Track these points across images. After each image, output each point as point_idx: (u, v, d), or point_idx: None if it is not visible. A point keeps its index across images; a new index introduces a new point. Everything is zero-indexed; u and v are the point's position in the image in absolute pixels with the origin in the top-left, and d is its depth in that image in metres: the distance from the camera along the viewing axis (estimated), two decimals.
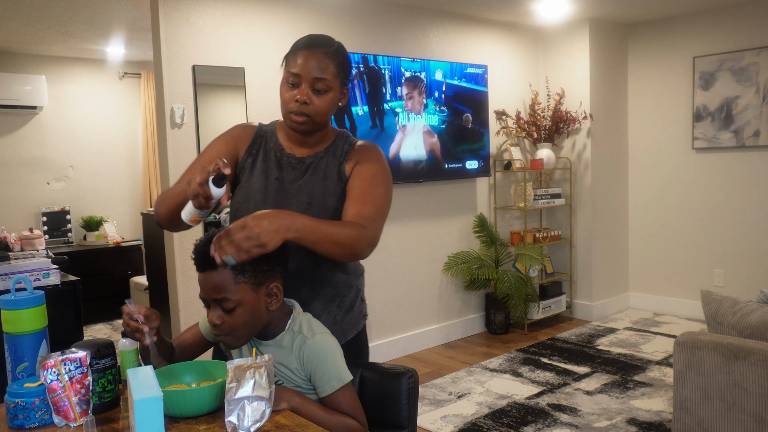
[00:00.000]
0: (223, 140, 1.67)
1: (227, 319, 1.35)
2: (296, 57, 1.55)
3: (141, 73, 6.18)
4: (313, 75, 1.54)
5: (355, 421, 1.38)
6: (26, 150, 5.61)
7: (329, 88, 1.56)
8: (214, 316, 1.36)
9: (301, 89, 1.54)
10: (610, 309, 5.31)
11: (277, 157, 1.65)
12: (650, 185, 5.34)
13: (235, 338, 1.38)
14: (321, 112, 1.57)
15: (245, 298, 1.34)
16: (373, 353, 4.22)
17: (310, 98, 1.54)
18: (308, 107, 1.55)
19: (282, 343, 1.43)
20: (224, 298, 1.33)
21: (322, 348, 1.40)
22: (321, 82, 1.54)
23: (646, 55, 5.28)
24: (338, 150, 1.66)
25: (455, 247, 4.78)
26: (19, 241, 4.41)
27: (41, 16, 4.24)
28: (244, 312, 1.35)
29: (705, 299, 2.55)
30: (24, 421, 1.26)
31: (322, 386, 1.38)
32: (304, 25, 3.89)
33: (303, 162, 1.64)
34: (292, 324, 1.44)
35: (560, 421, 3.26)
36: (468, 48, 4.78)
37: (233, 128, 1.71)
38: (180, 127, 3.44)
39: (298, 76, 1.54)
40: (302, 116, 1.55)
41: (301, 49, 1.56)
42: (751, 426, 2.24)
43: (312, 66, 1.53)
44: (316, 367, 1.38)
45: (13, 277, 2.37)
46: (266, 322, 1.41)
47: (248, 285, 1.34)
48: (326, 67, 1.55)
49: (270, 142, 1.67)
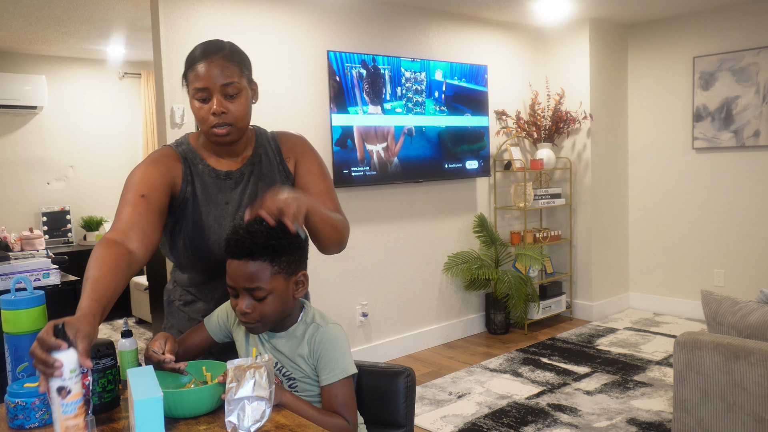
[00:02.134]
0: (152, 166, 1.54)
1: (258, 307, 1.36)
2: (195, 71, 1.51)
3: (141, 73, 6.18)
4: (219, 83, 1.50)
5: (343, 421, 1.38)
6: (26, 150, 5.61)
7: (239, 90, 1.53)
8: (244, 304, 1.36)
9: (213, 101, 1.50)
10: (610, 309, 5.31)
11: (213, 179, 1.60)
12: (650, 185, 5.34)
13: (263, 325, 1.40)
14: (240, 117, 1.54)
15: (278, 287, 1.36)
16: (373, 353, 4.23)
17: (226, 107, 1.51)
18: (227, 116, 1.52)
19: (295, 334, 1.45)
20: (257, 288, 1.34)
21: (334, 336, 1.42)
22: (230, 86, 1.51)
23: (646, 55, 5.28)
24: (267, 149, 1.67)
25: (455, 247, 4.78)
26: (19, 241, 4.42)
27: (41, 16, 4.24)
28: (275, 300, 1.37)
29: (705, 299, 2.55)
30: (24, 421, 1.26)
31: (326, 373, 1.39)
32: (304, 25, 3.89)
33: (242, 173, 1.62)
34: (304, 316, 1.46)
35: (560, 421, 3.26)
36: (468, 48, 4.78)
37: (154, 154, 1.59)
38: (180, 127, 3.44)
39: (205, 90, 1.50)
40: (224, 127, 1.52)
41: (198, 62, 1.51)
42: (751, 426, 2.24)
43: (215, 74, 1.50)
44: (324, 353, 1.40)
45: (13, 277, 2.37)
46: (291, 310, 1.43)
47: (282, 275, 1.37)
48: (229, 70, 1.51)
49: (197, 165, 1.60)
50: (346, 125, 4.00)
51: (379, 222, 4.32)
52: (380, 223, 4.32)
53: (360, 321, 4.22)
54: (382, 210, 4.30)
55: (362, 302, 4.23)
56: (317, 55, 3.95)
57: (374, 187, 4.23)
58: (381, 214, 4.30)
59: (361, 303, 4.23)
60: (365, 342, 4.27)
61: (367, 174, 4.10)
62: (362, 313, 4.23)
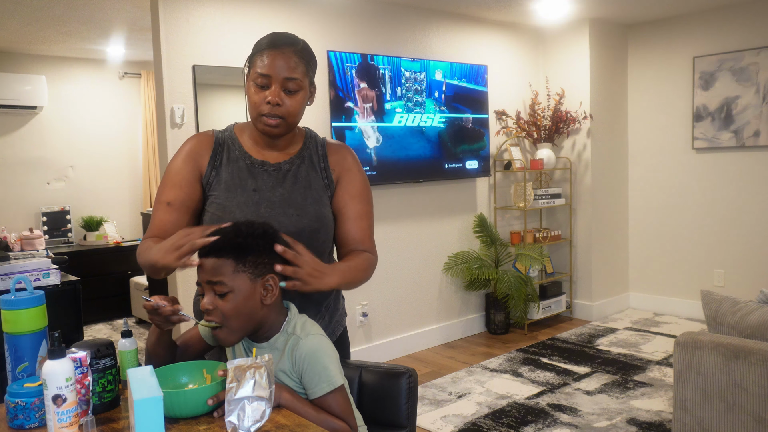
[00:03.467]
0: (181, 162, 1.58)
1: (219, 305, 1.34)
2: (263, 57, 1.49)
3: (141, 73, 6.18)
4: (283, 75, 1.48)
5: (344, 424, 1.35)
6: (26, 150, 5.61)
7: (300, 87, 1.51)
8: (206, 299, 1.34)
9: (272, 90, 1.48)
10: (610, 309, 5.31)
11: (247, 165, 1.58)
12: (650, 185, 5.34)
13: (229, 331, 1.36)
14: (294, 113, 1.53)
15: (241, 286, 1.34)
16: (373, 353, 4.23)
17: (282, 99, 1.49)
18: (281, 109, 1.50)
19: (276, 345, 1.41)
20: (219, 282, 1.32)
21: (315, 349, 1.37)
22: (292, 81, 1.49)
23: (646, 55, 5.28)
24: (313, 154, 1.63)
25: (455, 247, 4.78)
26: (19, 241, 4.42)
27: (41, 16, 4.24)
28: (236, 299, 1.33)
29: (705, 299, 2.55)
30: (24, 421, 1.26)
31: (312, 388, 1.35)
32: (304, 25, 3.89)
33: (280, 169, 1.59)
34: (286, 326, 1.42)
35: (560, 421, 3.26)
36: (468, 48, 4.78)
37: (188, 143, 1.61)
38: (180, 127, 3.45)
39: (267, 77, 1.48)
40: (275, 118, 1.51)
41: (267, 49, 1.50)
42: (751, 426, 2.24)
43: (281, 65, 1.48)
44: (307, 368, 1.36)
45: (13, 277, 2.37)
46: (261, 317, 1.38)
47: (247, 274, 1.34)
48: (296, 65, 1.50)
49: (233, 150, 1.59)
50: (346, 125, 4.00)
51: (379, 222, 4.31)
52: (380, 223, 4.32)
53: (360, 321, 4.22)
54: (382, 210, 4.30)
55: (362, 302, 4.23)
56: (317, 55, 3.93)
57: (374, 187, 4.23)
58: (381, 214, 4.30)
59: (361, 303, 4.23)
60: (365, 342, 4.27)
61: (367, 174, 4.09)
62: (362, 313, 4.23)
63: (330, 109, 3.94)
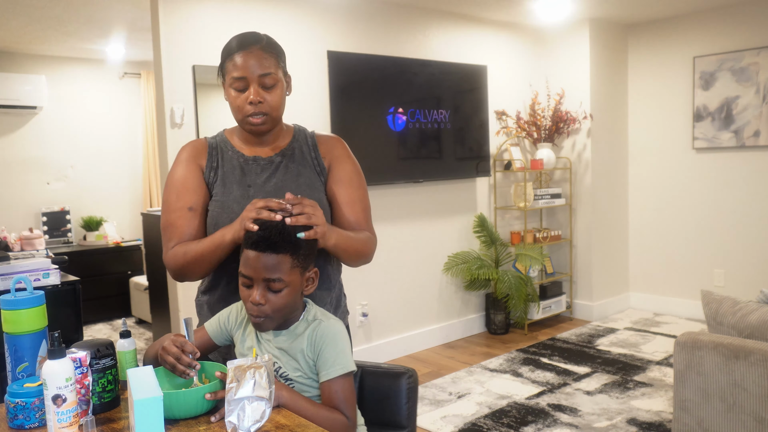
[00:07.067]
0: (185, 168, 1.63)
1: (272, 299, 1.36)
2: (234, 61, 1.55)
3: (141, 73, 6.18)
4: (257, 73, 1.54)
5: (342, 416, 1.37)
6: (26, 150, 5.61)
7: (276, 80, 1.57)
8: (257, 294, 1.36)
9: (251, 90, 1.54)
10: (610, 309, 5.31)
11: (240, 162, 1.63)
12: (650, 185, 5.34)
13: (272, 320, 1.40)
14: (276, 107, 1.58)
15: (294, 281, 1.38)
16: (373, 353, 4.23)
17: (263, 96, 1.55)
18: (263, 105, 1.56)
19: (296, 332, 1.44)
20: (278, 279, 1.35)
21: (335, 331, 1.42)
22: (268, 77, 1.55)
23: (646, 55, 5.28)
24: (303, 145, 1.69)
25: (455, 247, 4.78)
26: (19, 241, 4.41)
27: (41, 16, 4.24)
28: (289, 294, 1.38)
29: (705, 299, 2.55)
30: (24, 421, 1.26)
31: (326, 369, 1.38)
32: (304, 25, 3.89)
33: (272, 162, 1.64)
34: (306, 314, 1.46)
35: (560, 421, 3.26)
36: (468, 48, 4.78)
37: (184, 150, 1.66)
38: (180, 127, 3.44)
39: (243, 79, 1.54)
40: (260, 116, 1.56)
41: (236, 52, 1.55)
42: (751, 426, 2.24)
43: (253, 64, 1.53)
44: (324, 348, 1.39)
45: (13, 277, 2.37)
46: (297, 307, 1.44)
47: (299, 269, 1.39)
48: (267, 61, 1.55)
49: (227, 151, 1.66)
50: (346, 125, 3.99)
51: (379, 222, 4.31)
52: (380, 223, 4.31)
53: (360, 321, 4.22)
54: (381, 210, 4.30)
55: (362, 302, 4.23)
56: (317, 55, 3.95)
57: (374, 186, 4.23)
58: (381, 213, 4.30)
59: (361, 303, 4.23)
60: (365, 342, 4.27)
61: (368, 174, 4.09)
62: (362, 313, 4.23)
63: (329, 109, 3.94)
